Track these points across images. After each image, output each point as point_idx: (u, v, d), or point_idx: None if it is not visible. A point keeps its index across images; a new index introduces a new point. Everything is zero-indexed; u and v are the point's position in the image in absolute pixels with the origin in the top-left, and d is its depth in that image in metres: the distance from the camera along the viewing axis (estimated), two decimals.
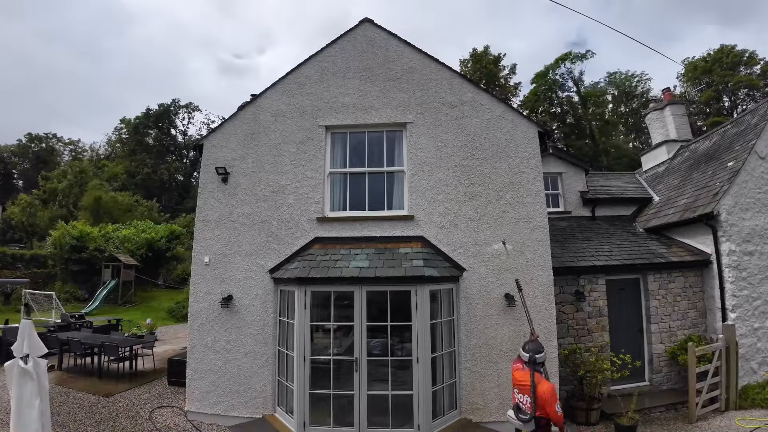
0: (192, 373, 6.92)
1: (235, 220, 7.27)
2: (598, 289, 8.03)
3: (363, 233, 7.03)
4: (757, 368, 7.54)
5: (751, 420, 6.41)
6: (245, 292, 7.00)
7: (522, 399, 4.19)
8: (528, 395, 4.13)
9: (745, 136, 9.11)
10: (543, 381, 4.21)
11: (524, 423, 4.12)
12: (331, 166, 7.43)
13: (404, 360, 6.13)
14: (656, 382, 7.89)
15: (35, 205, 35.05)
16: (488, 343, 6.58)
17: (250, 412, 6.68)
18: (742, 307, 7.60)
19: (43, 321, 15.02)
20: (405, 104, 7.39)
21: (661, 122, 12.87)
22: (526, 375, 4.25)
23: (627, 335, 8.06)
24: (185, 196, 46.10)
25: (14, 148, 48.50)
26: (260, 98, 7.70)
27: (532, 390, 4.10)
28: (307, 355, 6.12)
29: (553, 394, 4.13)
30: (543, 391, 4.09)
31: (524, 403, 4.15)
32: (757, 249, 7.88)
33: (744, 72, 32.29)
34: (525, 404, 4.14)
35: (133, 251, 25.40)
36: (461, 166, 7.14)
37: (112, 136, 51.84)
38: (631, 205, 10.94)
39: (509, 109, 7.45)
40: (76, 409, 7.07)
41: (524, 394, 4.18)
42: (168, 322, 18.60)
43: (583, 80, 39.32)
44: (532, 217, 6.90)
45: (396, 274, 6.06)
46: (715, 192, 8.13)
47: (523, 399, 4.17)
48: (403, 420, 5.93)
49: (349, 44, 7.72)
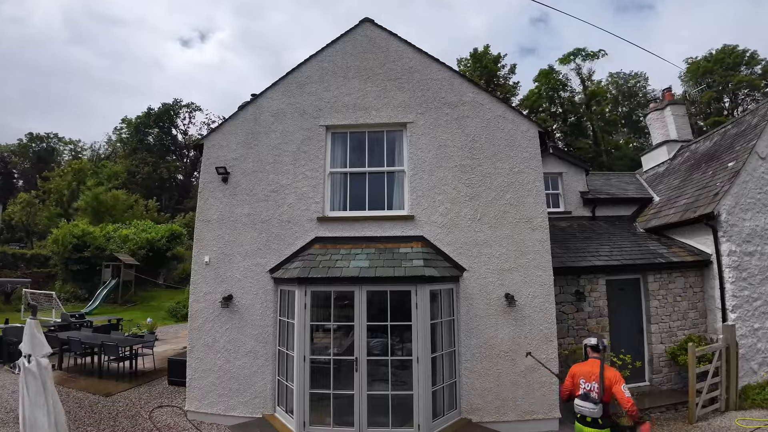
0: (192, 372, 6.93)
1: (235, 220, 7.27)
2: (599, 289, 8.03)
3: (363, 233, 7.03)
4: (757, 368, 7.54)
5: (751, 420, 6.41)
6: (245, 291, 7.00)
7: (589, 386, 4.35)
8: (595, 382, 4.29)
9: (745, 137, 9.10)
10: (608, 367, 4.41)
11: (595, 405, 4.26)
12: (331, 166, 7.43)
13: (404, 360, 6.14)
14: (656, 383, 7.89)
15: (35, 204, 35.09)
16: (488, 343, 6.58)
17: (250, 412, 6.69)
18: (742, 307, 7.59)
19: (44, 321, 15.03)
20: (405, 104, 7.39)
21: (662, 122, 12.86)
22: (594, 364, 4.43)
23: (627, 335, 8.05)
24: (185, 195, 46.11)
25: (14, 148, 48.53)
26: (260, 98, 7.70)
27: (600, 372, 4.28)
28: (307, 355, 6.12)
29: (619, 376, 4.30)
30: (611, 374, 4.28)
31: (592, 390, 4.31)
32: (758, 249, 7.87)
33: (745, 72, 32.30)
34: (593, 391, 4.30)
35: (134, 251, 25.42)
36: (461, 166, 7.13)
37: (112, 136, 51.96)
38: (631, 205, 10.93)
39: (510, 108, 7.45)
40: (76, 409, 7.07)
41: (591, 381, 4.34)
42: (168, 322, 18.61)
43: (592, 79, 39.26)
44: (533, 217, 6.90)
45: (396, 274, 6.06)
46: (716, 192, 8.13)
47: (590, 386, 4.34)
48: (403, 420, 5.93)
49: (349, 44, 7.72)
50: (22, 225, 33.98)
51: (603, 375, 4.27)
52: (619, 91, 39.94)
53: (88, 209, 32.10)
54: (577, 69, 38.88)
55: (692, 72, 33.94)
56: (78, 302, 22.11)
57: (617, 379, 4.23)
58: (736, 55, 32.36)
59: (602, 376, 4.26)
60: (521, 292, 6.67)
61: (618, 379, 4.24)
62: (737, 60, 32.34)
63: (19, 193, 38.13)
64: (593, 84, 39.07)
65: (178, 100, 50.71)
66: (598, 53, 37.82)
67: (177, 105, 50.70)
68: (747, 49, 32.26)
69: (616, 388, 4.18)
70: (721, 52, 33.06)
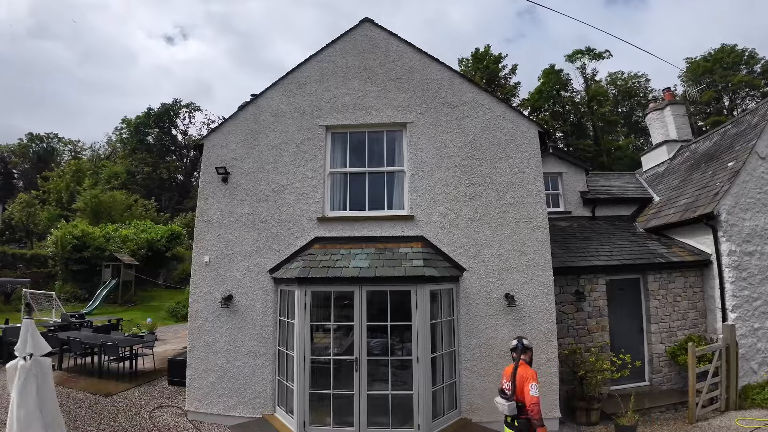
0: (192, 372, 6.93)
1: (235, 220, 7.27)
2: (599, 289, 8.02)
3: (363, 233, 7.03)
4: (757, 368, 7.54)
5: (751, 420, 6.41)
6: (245, 291, 7.00)
7: (506, 384, 4.58)
8: (509, 380, 4.51)
9: (745, 137, 9.10)
10: (524, 365, 4.55)
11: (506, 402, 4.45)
12: (331, 166, 7.43)
13: (404, 360, 6.14)
14: (656, 382, 7.89)
15: (35, 204, 35.09)
16: (488, 342, 6.58)
17: (250, 412, 6.69)
18: (742, 307, 7.59)
19: (44, 321, 15.02)
20: (405, 104, 7.39)
21: (662, 122, 12.86)
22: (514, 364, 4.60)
23: (627, 335, 8.05)
24: (185, 195, 46.07)
25: (15, 148, 48.53)
26: (260, 98, 7.70)
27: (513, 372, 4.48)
28: (307, 355, 6.12)
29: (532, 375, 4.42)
30: (524, 372, 4.45)
31: (507, 389, 4.53)
32: (758, 249, 7.87)
33: (744, 71, 32.31)
34: (507, 389, 4.52)
35: (134, 251, 25.42)
36: (461, 166, 7.14)
37: (112, 136, 51.94)
38: (631, 205, 10.93)
39: (510, 108, 7.45)
40: (76, 409, 7.07)
41: (508, 381, 4.56)
42: (168, 322, 18.61)
43: (596, 79, 39.26)
44: (533, 217, 6.90)
45: (396, 273, 6.06)
46: (716, 192, 8.13)
47: (507, 384, 4.57)
48: (403, 420, 5.93)
49: (349, 44, 7.72)
50: (21, 225, 33.94)
51: (515, 373, 4.43)
52: (618, 91, 39.94)
53: (87, 209, 32.08)
54: (582, 68, 38.89)
55: (692, 71, 33.95)
56: (78, 302, 22.09)
57: (527, 377, 4.38)
58: (735, 55, 32.38)
59: (514, 374, 4.44)
60: (521, 292, 6.67)
61: (529, 377, 4.37)
62: (736, 59, 32.35)
63: (19, 194, 38.11)
64: (595, 83, 39.09)
65: (177, 101, 50.76)
66: (604, 53, 37.89)
67: (177, 105, 50.69)
68: (746, 49, 32.33)
69: (526, 387, 4.32)
70: (720, 52, 33.07)
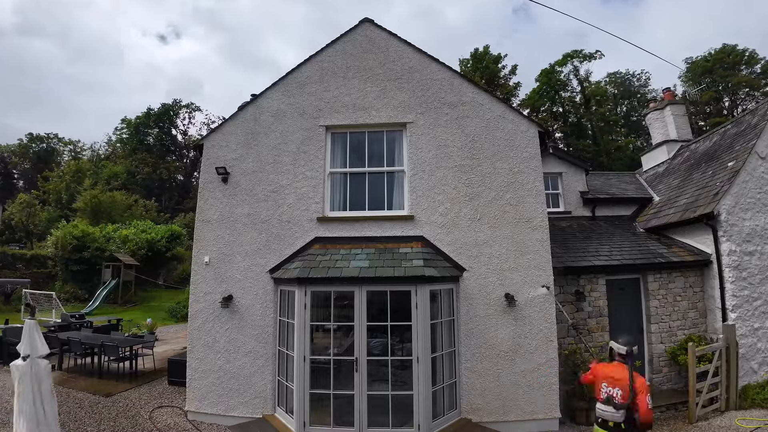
0: (192, 372, 6.92)
1: (235, 220, 7.27)
2: (598, 289, 8.03)
3: (363, 233, 7.03)
4: (757, 368, 7.54)
5: (751, 420, 6.41)
6: (245, 291, 7.00)
7: (613, 392, 4.44)
8: (619, 388, 4.38)
9: (745, 136, 9.10)
10: (637, 375, 4.49)
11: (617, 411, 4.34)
12: (331, 166, 7.43)
13: (404, 360, 6.13)
14: (656, 382, 7.88)
15: (34, 204, 35.09)
16: (488, 342, 6.58)
17: (250, 412, 6.68)
18: (742, 307, 7.59)
19: (44, 321, 15.02)
20: (405, 104, 7.39)
21: (662, 122, 12.86)
22: (619, 369, 4.51)
23: (627, 335, 8.01)
24: (185, 196, 46.05)
25: (15, 148, 48.52)
26: (260, 98, 7.70)
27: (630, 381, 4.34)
28: (307, 355, 6.11)
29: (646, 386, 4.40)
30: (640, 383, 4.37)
31: (615, 396, 4.40)
32: (758, 249, 7.87)
33: (745, 71, 32.29)
34: (616, 396, 4.39)
35: (134, 251, 25.41)
36: (461, 166, 7.13)
37: (112, 137, 51.94)
38: (631, 205, 10.93)
39: (509, 108, 7.45)
40: (76, 409, 7.07)
41: (615, 387, 4.43)
42: (168, 322, 18.59)
43: (589, 80, 39.28)
44: (533, 217, 6.90)
45: (396, 274, 6.05)
46: (716, 192, 8.13)
47: (614, 392, 4.43)
48: (403, 420, 5.93)
49: (349, 44, 7.72)
50: (21, 225, 33.96)
51: (633, 384, 4.34)
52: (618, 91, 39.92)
53: (87, 210, 32.08)
54: (575, 71, 38.89)
55: (692, 71, 33.92)
56: (78, 302, 22.09)
57: (644, 388, 4.33)
58: (735, 55, 32.33)
59: (632, 384, 4.33)
60: (521, 292, 6.67)
61: (645, 388, 4.34)
62: (737, 59, 32.30)
63: (19, 194, 38.11)
64: (591, 84, 39.07)
65: (177, 101, 50.76)
66: (595, 54, 37.90)
67: (177, 105, 50.70)
68: (746, 49, 32.27)
69: (641, 398, 4.26)
70: (720, 52, 33.01)
